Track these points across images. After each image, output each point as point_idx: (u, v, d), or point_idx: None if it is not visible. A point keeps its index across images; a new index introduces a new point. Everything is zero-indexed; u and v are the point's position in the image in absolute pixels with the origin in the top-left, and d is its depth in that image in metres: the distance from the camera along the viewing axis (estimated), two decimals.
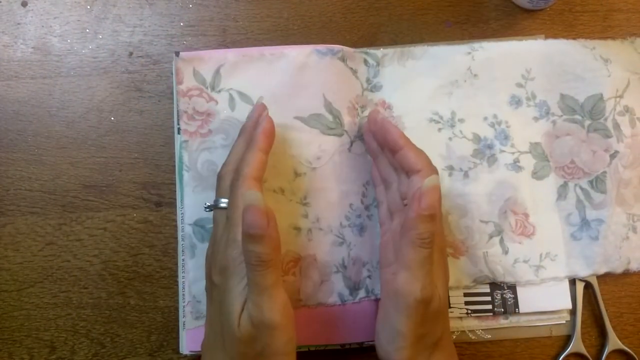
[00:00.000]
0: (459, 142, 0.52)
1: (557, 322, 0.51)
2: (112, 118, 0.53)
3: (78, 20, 0.55)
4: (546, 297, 0.51)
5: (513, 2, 0.55)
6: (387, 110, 0.52)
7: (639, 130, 0.52)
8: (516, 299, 0.51)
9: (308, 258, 0.49)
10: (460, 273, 0.50)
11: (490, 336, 0.51)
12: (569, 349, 0.51)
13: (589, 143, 0.52)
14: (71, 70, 0.54)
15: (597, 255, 0.51)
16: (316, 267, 0.49)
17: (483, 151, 0.52)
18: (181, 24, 0.55)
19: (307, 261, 0.49)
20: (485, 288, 0.51)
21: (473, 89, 0.53)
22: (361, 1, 0.55)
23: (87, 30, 0.55)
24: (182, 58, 0.51)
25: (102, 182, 0.53)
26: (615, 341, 0.51)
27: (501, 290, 0.51)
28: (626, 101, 0.52)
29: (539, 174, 0.52)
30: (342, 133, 0.50)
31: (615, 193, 0.51)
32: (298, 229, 0.49)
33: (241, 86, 0.51)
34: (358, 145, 0.51)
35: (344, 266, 0.49)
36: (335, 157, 0.50)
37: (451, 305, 0.50)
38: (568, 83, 0.53)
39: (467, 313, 0.50)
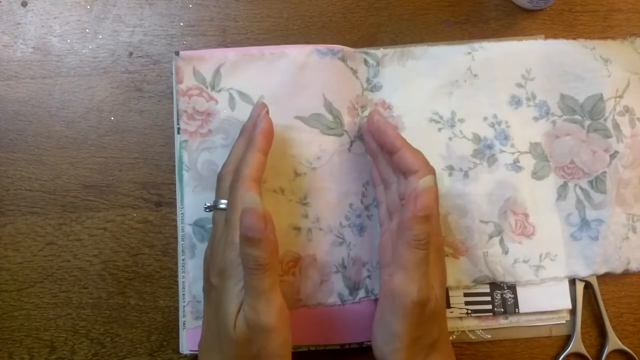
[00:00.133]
0: (459, 142, 0.52)
1: (557, 322, 0.51)
2: (112, 118, 0.53)
3: (78, 20, 0.55)
4: (546, 297, 0.51)
5: (513, 2, 0.55)
6: (387, 110, 0.52)
7: (639, 130, 0.52)
8: (516, 299, 0.50)
9: (308, 258, 0.49)
10: (460, 273, 0.50)
11: (490, 336, 0.51)
12: (569, 349, 0.51)
13: (589, 143, 0.52)
14: (71, 70, 0.54)
15: (597, 255, 0.51)
16: (316, 267, 0.49)
17: (483, 151, 0.52)
18: (181, 24, 0.55)
19: (307, 261, 0.49)
20: (485, 288, 0.51)
21: (473, 89, 0.53)
22: (361, 1, 0.55)
23: (87, 30, 0.55)
24: (182, 57, 0.51)
25: (102, 182, 0.53)
26: (615, 341, 0.51)
27: (501, 290, 0.51)
28: (626, 101, 0.52)
29: (539, 174, 0.52)
30: (342, 133, 0.50)
31: (615, 193, 0.51)
32: (298, 229, 0.49)
33: (241, 86, 0.51)
34: (358, 145, 0.51)
35: (344, 266, 0.49)
36: (335, 157, 0.50)
37: (451, 305, 0.50)
38: (568, 83, 0.53)
39: (467, 313, 0.50)
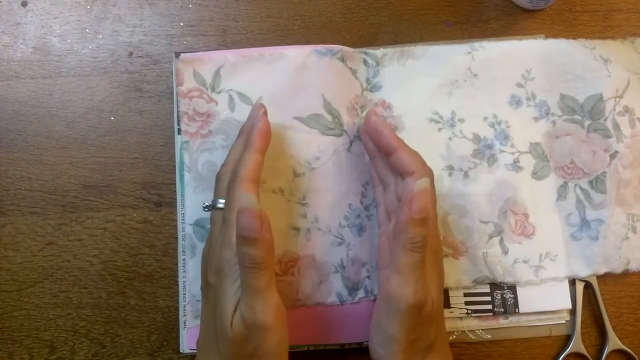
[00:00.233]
0: (459, 142, 0.52)
1: (557, 322, 0.51)
2: (112, 118, 0.53)
3: (78, 20, 0.55)
4: (546, 297, 0.51)
5: (513, 2, 0.55)
6: (387, 110, 0.52)
7: (639, 130, 0.52)
8: (516, 299, 0.50)
9: (307, 258, 0.49)
10: (460, 273, 0.50)
11: (490, 336, 0.51)
12: (569, 349, 0.51)
13: (589, 143, 0.52)
14: (71, 70, 0.54)
15: (597, 255, 0.51)
16: (315, 267, 0.49)
17: (483, 151, 0.52)
18: (181, 24, 0.55)
19: (306, 261, 0.49)
20: (485, 288, 0.51)
21: (473, 89, 0.53)
22: (361, 1, 0.55)
23: (87, 30, 0.55)
24: (182, 59, 0.51)
25: (102, 182, 0.53)
26: (615, 341, 0.51)
27: (501, 290, 0.51)
28: (626, 101, 0.52)
29: (539, 174, 0.52)
30: (342, 133, 0.50)
31: (615, 193, 0.51)
32: (297, 229, 0.49)
33: (241, 87, 0.51)
34: (357, 145, 0.51)
35: (343, 266, 0.49)
36: (334, 158, 0.50)
37: (451, 305, 0.50)
38: (568, 83, 0.53)
39: (467, 313, 0.50)
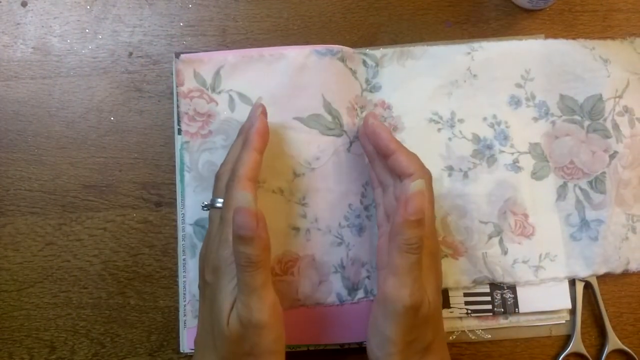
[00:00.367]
0: (459, 143, 0.52)
1: (557, 322, 0.51)
2: (112, 118, 0.53)
3: (78, 20, 0.55)
4: (546, 297, 0.51)
5: (513, 2, 0.55)
6: (387, 110, 0.52)
7: (638, 130, 0.52)
8: (516, 299, 0.50)
9: (306, 258, 0.49)
10: (459, 274, 0.50)
11: (490, 336, 0.51)
12: (569, 349, 0.51)
13: (589, 143, 0.52)
14: (71, 70, 0.54)
15: (597, 255, 0.51)
16: (315, 267, 0.49)
17: (482, 151, 0.52)
18: (181, 24, 0.55)
19: (306, 261, 0.49)
20: (485, 288, 0.51)
21: (473, 89, 0.53)
22: (361, 1, 0.55)
23: (87, 30, 0.55)
24: (183, 60, 0.51)
25: (102, 182, 0.53)
26: (615, 341, 0.51)
27: (501, 290, 0.51)
28: (625, 101, 0.52)
29: (539, 175, 0.52)
30: (341, 133, 0.50)
31: (614, 193, 0.51)
32: (297, 229, 0.49)
33: (241, 87, 0.51)
34: (357, 145, 0.51)
35: (343, 266, 0.49)
36: (334, 158, 0.50)
37: (451, 305, 0.50)
38: (567, 83, 0.53)
39: (467, 313, 0.50)
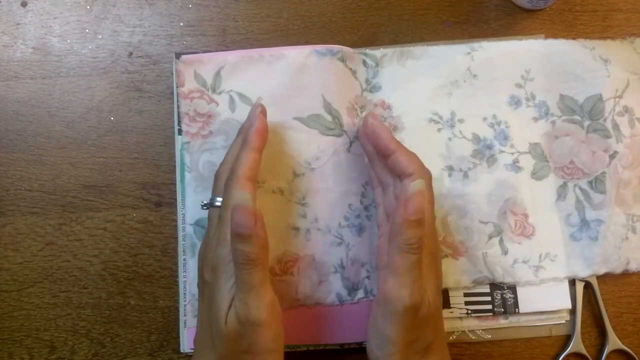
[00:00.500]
0: (459, 143, 0.52)
1: (557, 322, 0.51)
2: (112, 118, 0.53)
3: (78, 20, 0.55)
4: (546, 297, 0.51)
5: (513, 2, 0.55)
6: (387, 110, 0.52)
7: (638, 130, 0.52)
8: (516, 299, 0.50)
9: (306, 258, 0.49)
10: (459, 274, 0.50)
11: (490, 336, 0.51)
12: (569, 349, 0.51)
13: (589, 143, 0.52)
14: (71, 70, 0.54)
15: (597, 255, 0.51)
16: (314, 267, 0.49)
17: (482, 151, 0.52)
18: (181, 24, 0.55)
19: (306, 261, 0.49)
20: (485, 288, 0.51)
21: (473, 89, 0.53)
22: (361, 1, 0.55)
23: (87, 30, 0.55)
24: (183, 61, 0.51)
25: (102, 182, 0.53)
26: (615, 341, 0.51)
27: (501, 290, 0.51)
28: (625, 101, 0.52)
29: (539, 175, 0.52)
30: (341, 133, 0.50)
31: (614, 193, 0.51)
32: (297, 229, 0.49)
33: (241, 88, 0.51)
34: (357, 145, 0.51)
35: (342, 266, 0.49)
36: (334, 158, 0.50)
37: (451, 305, 0.50)
38: (567, 83, 0.53)
39: (467, 313, 0.50)
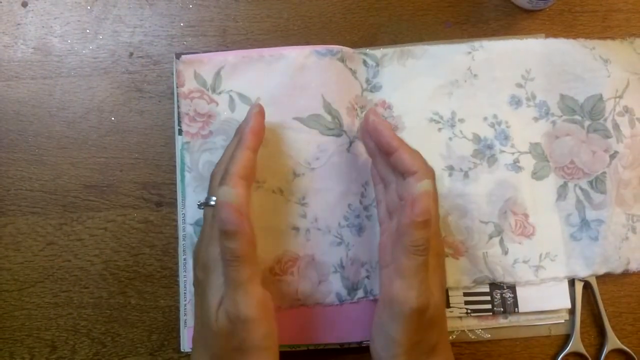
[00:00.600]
0: (459, 142, 0.52)
1: (556, 322, 0.51)
2: (113, 118, 0.54)
3: (78, 20, 0.55)
4: (545, 297, 0.51)
5: (513, 2, 0.55)
6: (387, 110, 0.52)
7: (639, 130, 0.52)
8: (516, 299, 0.51)
9: (306, 258, 0.49)
10: (459, 273, 0.50)
11: (489, 335, 0.51)
12: (568, 349, 0.51)
13: (589, 143, 0.52)
14: (71, 70, 0.54)
15: (597, 255, 0.51)
16: (314, 267, 0.49)
17: (483, 151, 0.52)
18: (181, 25, 0.55)
19: (306, 261, 0.49)
20: (484, 288, 0.51)
21: (473, 89, 0.53)
22: (361, 1, 0.55)
23: (88, 30, 0.55)
24: (183, 61, 0.51)
25: (103, 182, 0.53)
26: (614, 341, 0.51)
27: (501, 289, 0.51)
28: (626, 101, 0.52)
29: (539, 174, 0.52)
30: (341, 133, 0.50)
31: (614, 193, 0.51)
32: (296, 229, 0.49)
33: (241, 88, 0.51)
34: (357, 145, 0.51)
35: (342, 266, 0.49)
36: (334, 158, 0.50)
37: (451, 304, 0.51)
38: (568, 83, 0.53)
39: (467, 312, 0.50)
